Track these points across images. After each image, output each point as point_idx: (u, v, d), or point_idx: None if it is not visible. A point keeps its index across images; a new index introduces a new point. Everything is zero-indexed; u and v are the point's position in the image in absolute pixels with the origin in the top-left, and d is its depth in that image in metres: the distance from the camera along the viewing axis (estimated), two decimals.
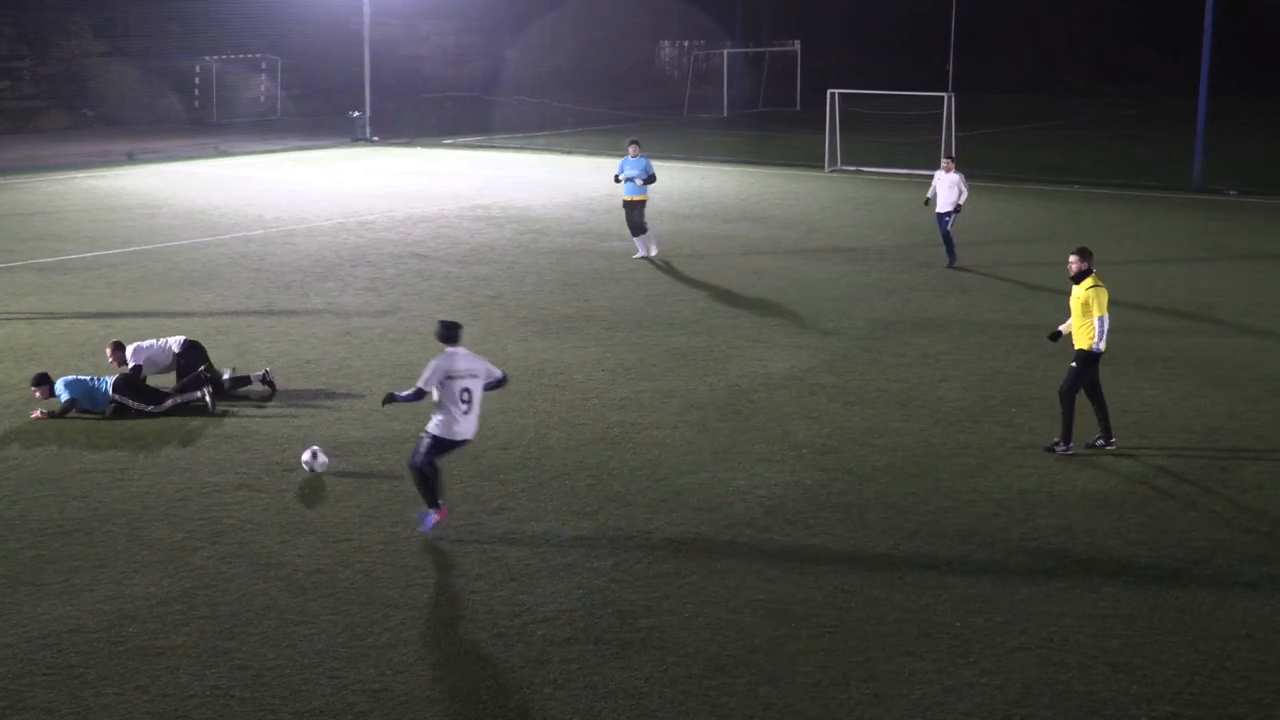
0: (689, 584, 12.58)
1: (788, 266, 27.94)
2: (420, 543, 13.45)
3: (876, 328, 22.56)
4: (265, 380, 18.58)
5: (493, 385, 14.08)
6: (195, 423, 17.24)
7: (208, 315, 23.14)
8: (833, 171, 44.11)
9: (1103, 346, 16.04)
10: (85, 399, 17.51)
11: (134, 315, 23.01)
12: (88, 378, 17.83)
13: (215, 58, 62.75)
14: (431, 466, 13.66)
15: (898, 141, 48.35)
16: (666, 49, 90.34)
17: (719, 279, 26.59)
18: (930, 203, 28.24)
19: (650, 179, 28.52)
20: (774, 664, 11.08)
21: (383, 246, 29.92)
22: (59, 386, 17.58)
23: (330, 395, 18.53)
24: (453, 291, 25.04)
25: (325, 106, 64.20)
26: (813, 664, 11.08)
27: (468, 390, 13.68)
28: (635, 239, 28.82)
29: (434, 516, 13.66)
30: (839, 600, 12.26)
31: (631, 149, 28.80)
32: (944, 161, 28.44)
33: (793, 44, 74.92)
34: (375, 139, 54.34)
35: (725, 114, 67.27)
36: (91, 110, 59.72)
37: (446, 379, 13.66)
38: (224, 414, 17.57)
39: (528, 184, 41.27)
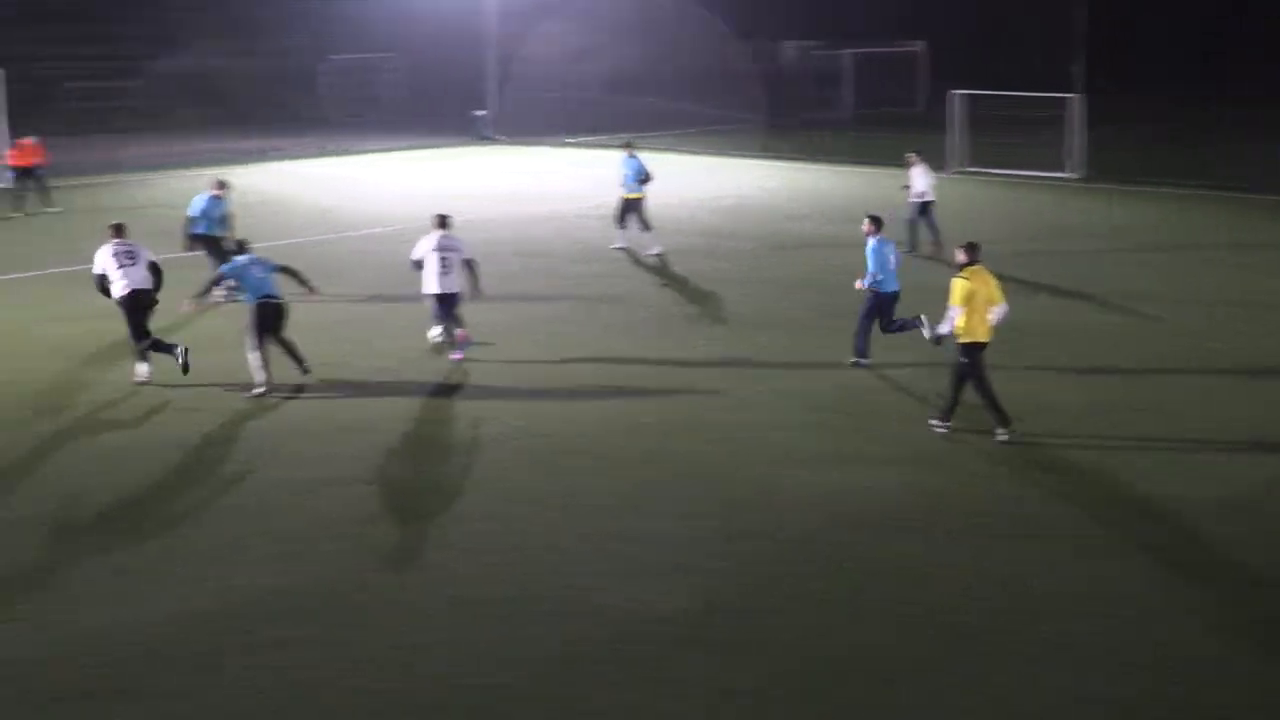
0: (809, 585, 12.53)
1: (905, 269, 27.64)
2: (540, 539, 13.53)
3: (997, 331, 22.24)
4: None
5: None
6: (321, 418, 17.46)
7: (331, 310, 23.43)
8: (954, 173, 43.66)
9: (943, 330, 16.80)
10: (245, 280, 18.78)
11: None
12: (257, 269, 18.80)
13: (341, 57, 63.51)
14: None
15: (1022, 143, 47.69)
16: (789, 49, 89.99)
17: (833, 280, 26.40)
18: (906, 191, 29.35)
19: (645, 179, 29.30)
20: (893, 670, 11.01)
21: (506, 245, 30.10)
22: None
23: (451, 391, 18.68)
24: (570, 289, 25.13)
25: (449, 105, 64.74)
26: (933, 668, 10.99)
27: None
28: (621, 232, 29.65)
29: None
30: (959, 604, 12.14)
31: (626, 150, 29.98)
32: (909, 156, 29.91)
33: (916, 44, 74.27)
34: (498, 137, 54.70)
35: (846, 114, 66.86)
36: (220, 108, 60.70)
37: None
38: (339, 398, 17.78)
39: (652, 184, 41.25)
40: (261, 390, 18.33)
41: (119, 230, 19.16)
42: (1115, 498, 14.85)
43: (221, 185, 24.59)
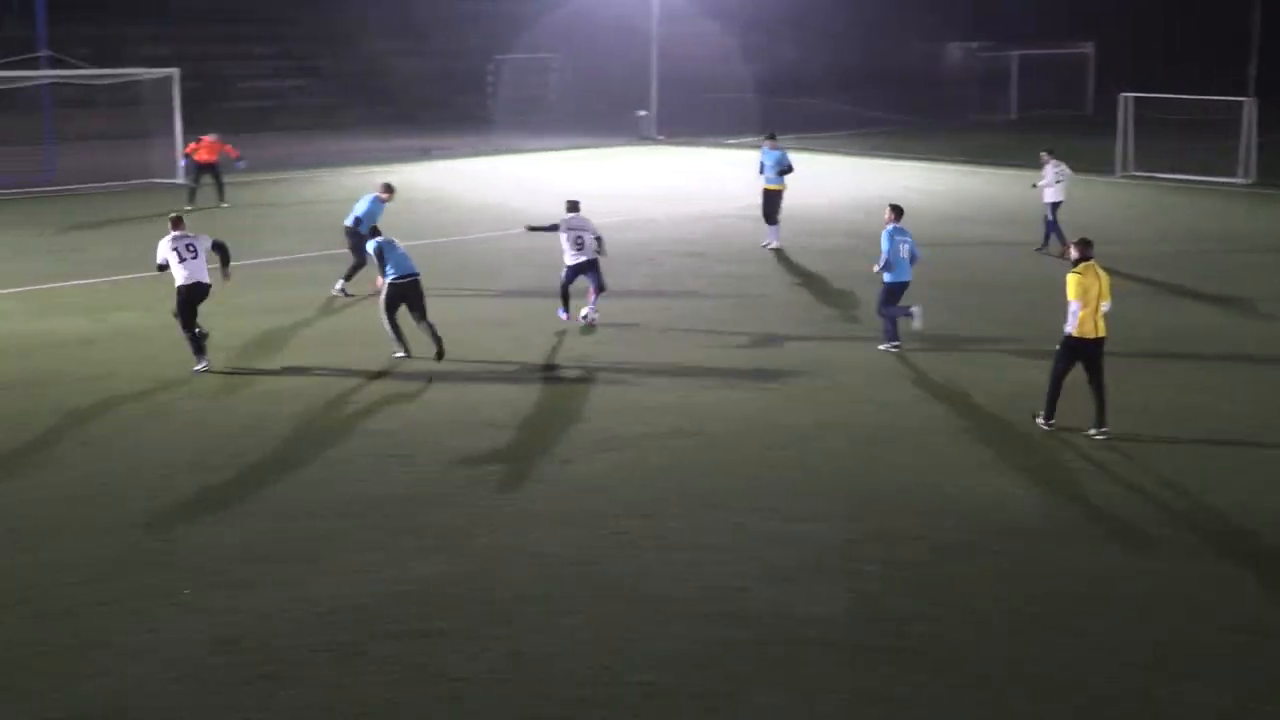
0: (961, 593, 12.41)
1: (1028, 266, 27.27)
2: (690, 539, 13.57)
3: (1157, 340, 21.87)
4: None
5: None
6: (479, 413, 17.69)
7: (491, 308, 23.73)
8: (1123, 177, 42.88)
9: (1068, 330, 16.77)
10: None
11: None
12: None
13: (507, 56, 64.18)
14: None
15: (1194, 146, 46.67)
16: (954, 49, 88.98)
17: (996, 284, 26.14)
18: None
19: (786, 170, 29.90)
20: (1045, 678, 10.86)
21: (663, 245, 30.24)
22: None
23: (607, 388, 18.81)
24: (728, 289, 25.15)
25: (612, 105, 65.10)
26: (1087, 681, 10.83)
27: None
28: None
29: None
30: (1116, 616, 11.94)
31: (767, 143, 30.73)
32: (1042, 154, 30.49)
33: (1085, 45, 72.97)
34: (660, 137, 54.89)
35: (1013, 116, 65.96)
36: (388, 107, 61.70)
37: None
38: (492, 393, 17.99)
39: (806, 184, 41.15)
40: (401, 355, 20.02)
41: (178, 223, 20.11)
42: None
43: (388, 189, 25.01)
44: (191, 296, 19.53)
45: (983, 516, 14.24)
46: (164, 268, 19.81)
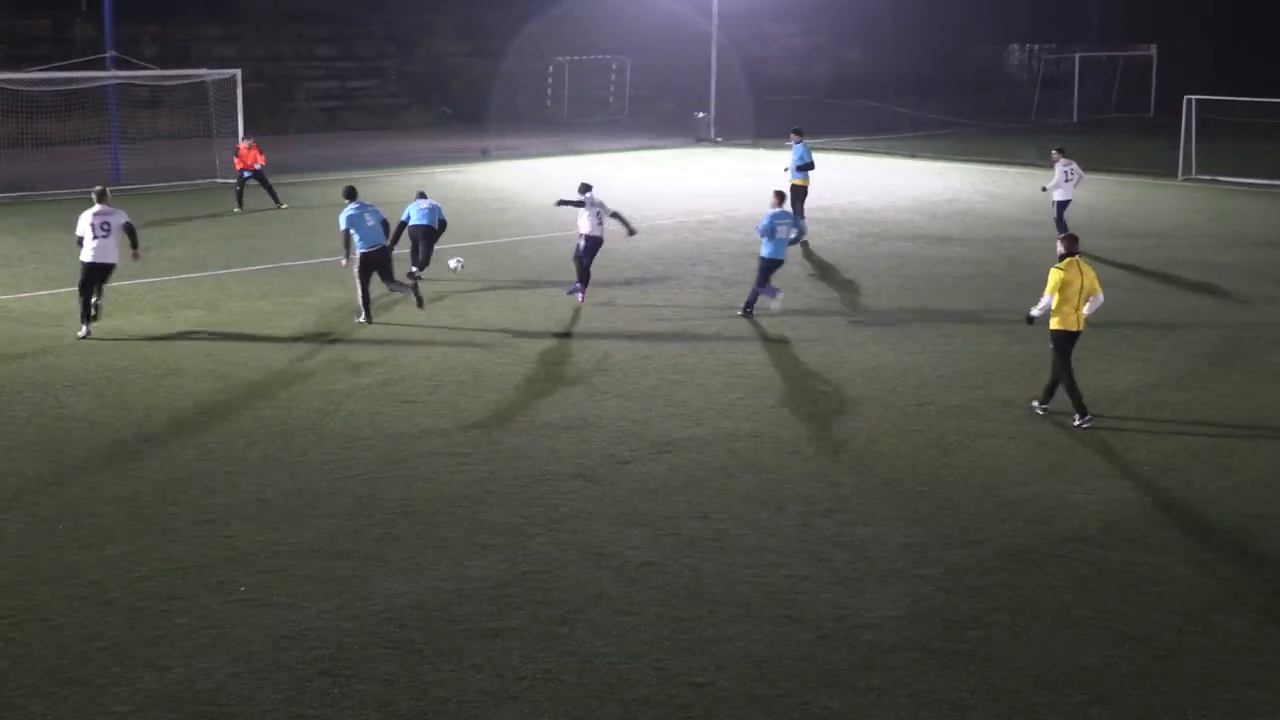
0: (1020, 597, 12.35)
1: (1132, 277, 27.11)
2: (748, 541, 13.57)
3: (1226, 343, 21.70)
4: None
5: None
6: (537, 414, 17.74)
7: (550, 308, 23.79)
8: (1186, 180, 42.53)
9: (1034, 312, 17.90)
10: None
11: (482, 304, 23.85)
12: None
13: (568, 58, 64.35)
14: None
15: (1259, 150, 46.23)
16: (1015, 52, 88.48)
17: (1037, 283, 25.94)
18: None
19: (807, 166, 30.93)
20: (1105, 685, 10.80)
21: (722, 246, 30.23)
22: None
23: (665, 390, 18.82)
24: (789, 291, 25.11)
25: (671, 106, 65.16)
26: (1146, 688, 10.75)
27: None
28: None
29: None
30: (1176, 623, 11.85)
31: (793, 138, 31.55)
32: (1054, 152, 31.62)
33: (1148, 47, 72.41)
34: (719, 139, 54.88)
35: (1075, 119, 65.54)
36: (450, 109, 62.02)
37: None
38: (550, 394, 18.04)
39: (868, 187, 41.08)
40: (361, 320, 22.37)
41: (101, 196, 21.73)
42: None
43: (421, 195, 26.28)
44: (91, 275, 21.33)
45: (1046, 522, 14.16)
46: (82, 240, 21.43)
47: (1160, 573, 12.92)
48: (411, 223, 25.46)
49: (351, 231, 22.32)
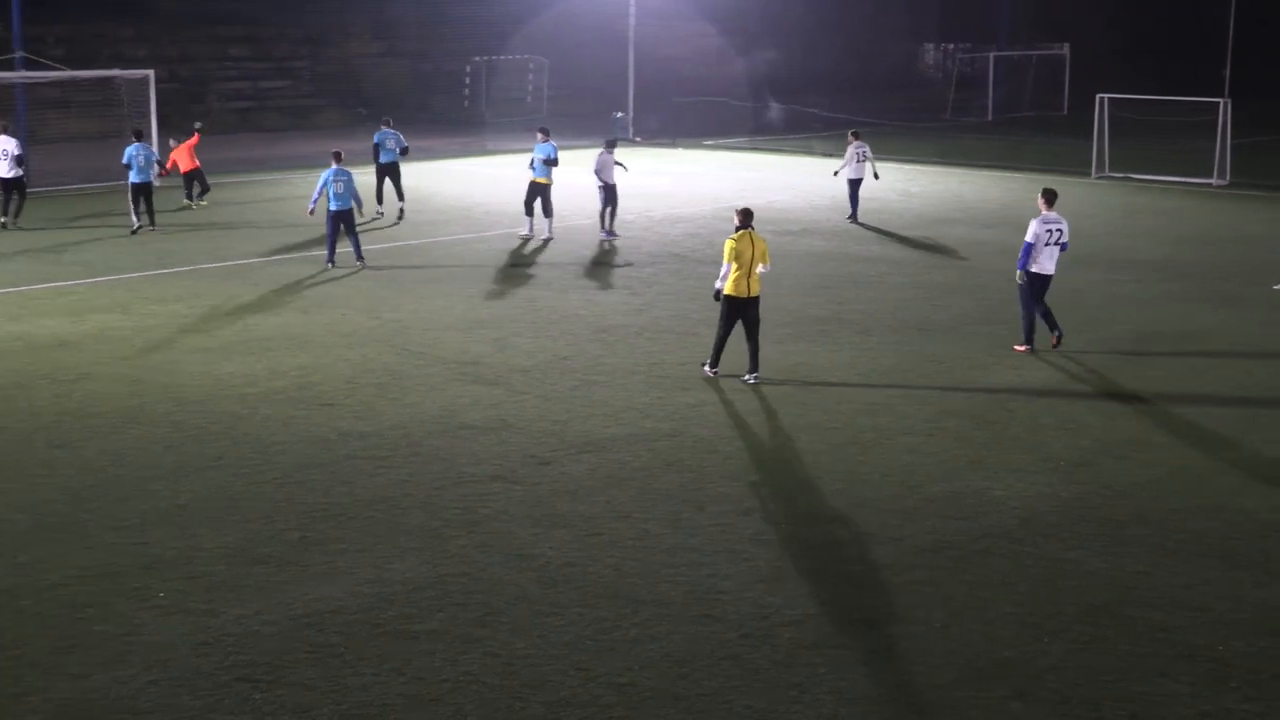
0: (939, 593, 12.43)
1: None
2: (670, 541, 13.57)
3: (1139, 339, 21.98)
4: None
5: None
6: (456, 415, 17.66)
7: (468, 310, 23.69)
8: (1099, 178, 43.04)
9: (718, 286, 18.95)
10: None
11: (398, 306, 23.72)
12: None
13: (484, 58, 64.13)
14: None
15: (1168, 148, 46.87)
16: (930, 51, 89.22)
17: (976, 284, 26.20)
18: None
19: (552, 163, 31.60)
20: (1024, 679, 10.89)
21: (640, 246, 30.25)
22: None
23: (585, 391, 18.80)
24: (707, 292, 25.13)
25: (589, 106, 65.10)
26: (1064, 681, 10.85)
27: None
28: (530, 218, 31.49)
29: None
30: (1092, 617, 11.98)
31: (539, 136, 32.18)
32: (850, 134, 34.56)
33: (1060, 47, 73.22)
34: (637, 139, 54.89)
35: (989, 118, 66.18)
36: (365, 109, 61.62)
37: None
38: (467, 396, 17.97)
39: (784, 186, 41.25)
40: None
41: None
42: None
43: (337, 157, 28.13)
44: None
45: (964, 518, 14.26)
46: None
47: (1076, 567, 13.06)
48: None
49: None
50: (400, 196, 34.45)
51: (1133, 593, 12.49)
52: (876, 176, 34.75)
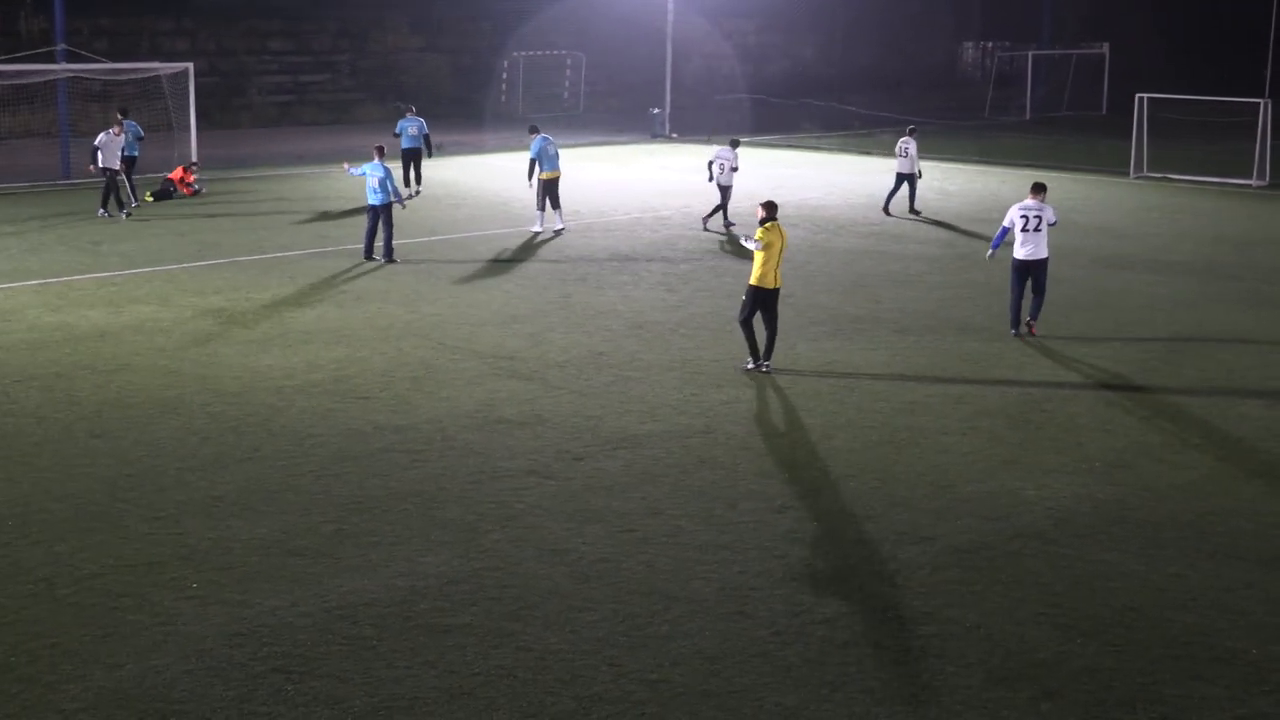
0: (972, 593, 12.41)
1: (1085, 275, 27.26)
2: (702, 537, 13.58)
3: (1177, 341, 21.86)
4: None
5: None
6: (491, 410, 17.71)
7: (505, 304, 23.74)
8: (1138, 178, 42.81)
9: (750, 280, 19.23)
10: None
11: (435, 300, 23.78)
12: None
13: (523, 54, 64.21)
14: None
15: (1207, 148, 46.58)
16: (969, 50, 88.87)
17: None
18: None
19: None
20: (1056, 680, 10.86)
21: (677, 243, 30.24)
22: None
23: (620, 387, 18.82)
24: (742, 289, 25.11)
25: (626, 103, 65.14)
26: (1097, 682, 10.82)
27: None
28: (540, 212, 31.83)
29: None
30: (1127, 619, 11.93)
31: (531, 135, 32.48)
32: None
33: (1100, 46, 72.84)
34: (674, 136, 54.88)
35: (1028, 117, 65.90)
36: (404, 104, 61.80)
37: None
38: (501, 391, 18.02)
39: (823, 184, 41.19)
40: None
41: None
42: None
43: (380, 151, 27.97)
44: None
45: (998, 518, 14.22)
46: None
47: (1111, 568, 13.01)
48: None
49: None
50: (418, 180, 37.06)
51: (1167, 595, 12.44)
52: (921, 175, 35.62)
